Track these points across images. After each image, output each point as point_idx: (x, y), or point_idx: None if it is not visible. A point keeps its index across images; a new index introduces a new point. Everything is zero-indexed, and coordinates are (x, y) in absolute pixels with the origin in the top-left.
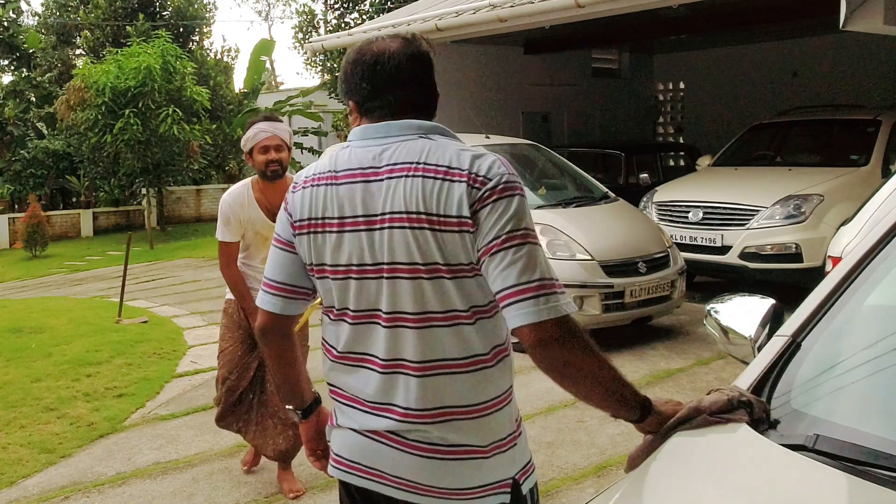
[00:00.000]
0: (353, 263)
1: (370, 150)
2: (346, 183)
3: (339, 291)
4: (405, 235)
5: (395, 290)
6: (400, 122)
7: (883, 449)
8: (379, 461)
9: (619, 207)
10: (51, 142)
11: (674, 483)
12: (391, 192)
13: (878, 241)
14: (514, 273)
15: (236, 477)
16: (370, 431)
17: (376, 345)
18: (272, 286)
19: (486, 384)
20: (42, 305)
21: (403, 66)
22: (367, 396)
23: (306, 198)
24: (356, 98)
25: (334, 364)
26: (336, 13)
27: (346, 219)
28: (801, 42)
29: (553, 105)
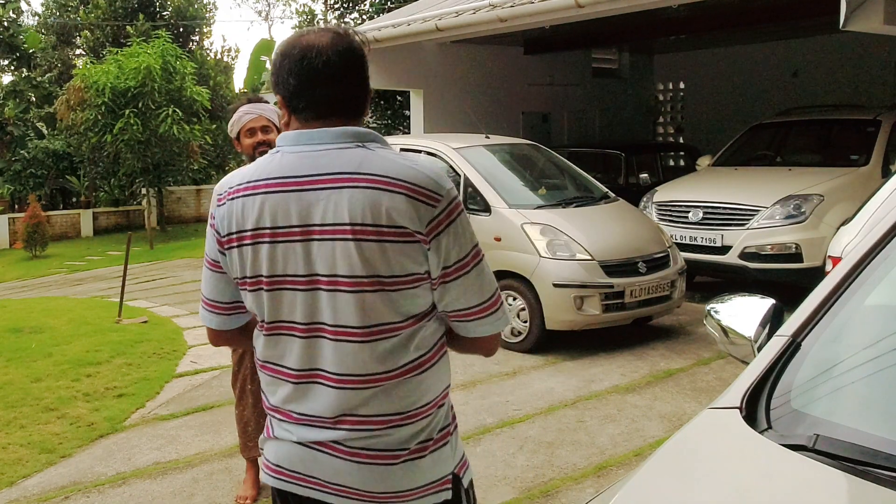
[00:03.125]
0: (289, 274)
1: (304, 158)
2: (279, 192)
3: (271, 303)
4: (347, 247)
5: (335, 303)
6: (336, 130)
7: (883, 449)
8: (317, 469)
9: (619, 207)
10: (51, 142)
11: (674, 483)
12: (331, 202)
13: (878, 241)
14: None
15: (236, 477)
16: (312, 442)
17: (321, 357)
18: (210, 304)
19: (427, 386)
20: (42, 305)
21: (332, 62)
22: (310, 410)
23: (235, 209)
24: (283, 93)
25: (262, 374)
26: (336, 13)
27: (279, 229)
28: (801, 42)
29: (553, 105)
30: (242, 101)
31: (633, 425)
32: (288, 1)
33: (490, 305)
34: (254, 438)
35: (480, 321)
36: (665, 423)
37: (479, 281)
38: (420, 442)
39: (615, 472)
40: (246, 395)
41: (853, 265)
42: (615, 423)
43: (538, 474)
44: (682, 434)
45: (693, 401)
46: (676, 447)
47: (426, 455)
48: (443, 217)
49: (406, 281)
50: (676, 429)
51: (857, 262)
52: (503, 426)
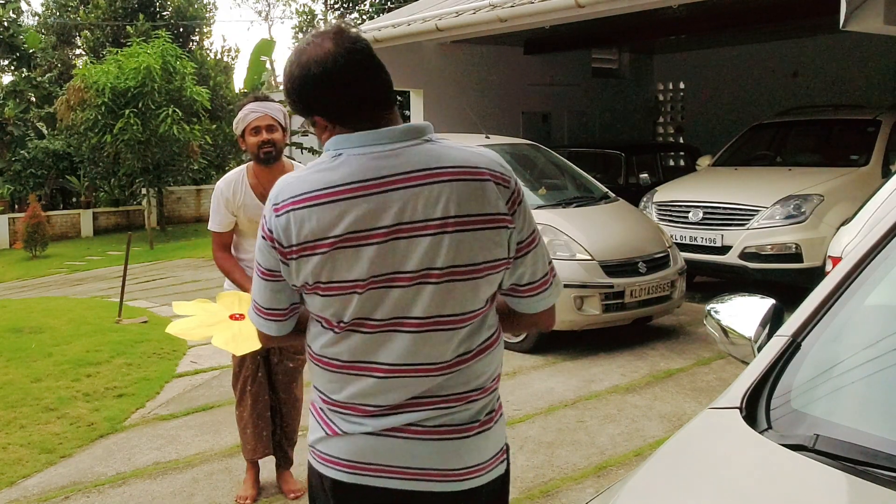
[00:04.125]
0: (382, 274)
1: (376, 159)
2: (358, 196)
3: (360, 304)
4: (438, 241)
5: (426, 296)
6: (399, 128)
7: (883, 449)
8: (393, 456)
9: (619, 207)
10: (51, 142)
11: (674, 483)
12: (419, 199)
13: (878, 241)
14: (542, 263)
15: (236, 477)
16: (388, 429)
17: (400, 350)
18: (268, 313)
19: (496, 359)
20: (42, 305)
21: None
22: (388, 401)
23: (304, 219)
24: (320, 112)
25: (345, 375)
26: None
27: (362, 232)
28: (801, 42)
29: (553, 105)
30: (248, 99)
31: (633, 425)
32: (288, 1)
33: (550, 276)
34: (252, 440)
35: (544, 293)
36: (665, 423)
37: (542, 252)
38: (487, 413)
39: (615, 472)
40: (246, 396)
41: (853, 265)
42: (615, 423)
43: (538, 474)
44: (682, 434)
45: (693, 401)
46: (676, 447)
47: (493, 426)
48: (516, 195)
49: (493, 266)
50: (676, 429)
51: (857, 262)
52: None
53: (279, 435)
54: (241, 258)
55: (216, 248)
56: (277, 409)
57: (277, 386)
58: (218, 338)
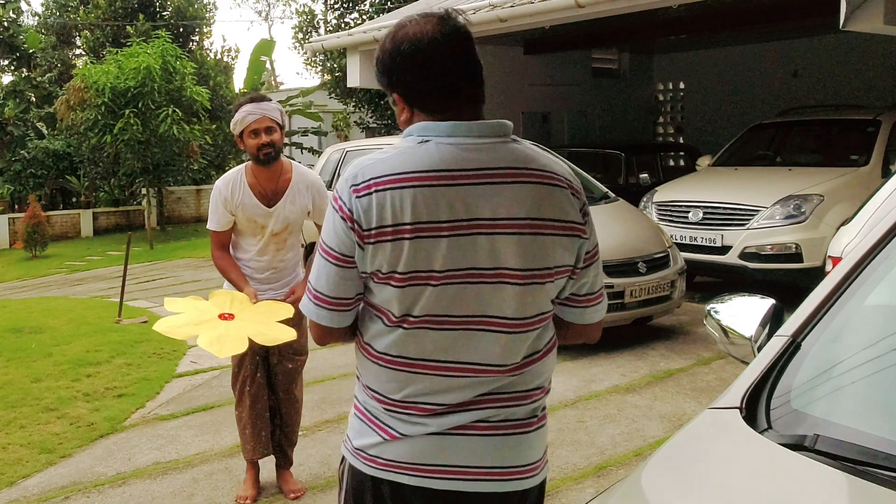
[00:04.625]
0: (457, 268)
1: (466, 151)
2: (443, 185)
3: (434, 297)
4: (518, 241)
5: (501, 296)
6: (492, 123)
7: (883, 449)
8: (455, 455)
9: (619, 207)
10: (51, 142)
11: (674, 483)
12: (503, 197)
13: (878, 241)
14: (600, 277)
15: (236, 477)
16: (453, 428)
17: (479, 349)
18: (333, 302)
19: (554, 360)
20: (42, 305)
21: (444, 49)
22: (455, 399)
23: (387, 201)
24: (401, 91)
25: (409, 374)
26: (336, 13)
27: (444, 223)
28: (801, 42)
29: (553, 105)
30: (245, 100)
31: (633, 425)
32: (288, 1)
33: (603, 292)
34: (252, 441)
35: (597, 307)
36: (665, 423)
37: (600, 267)
38: (542, 410)
39: (615, 472)
40: (245, 397)
41: (853, 265)
42: (615, 423)
43: None
44: (682, 434)
45: (693, 401)
46: (676, 447)
47: (545, 424)
48: (585, 207)
49: (562, 272)
50: (676, 429)
51: (857, 262)
52: None
53: (279, 436)
54: (240, 258)
55: (214, 247)
56: (277, 410)
57: (277, 387)
58: (203, 338)
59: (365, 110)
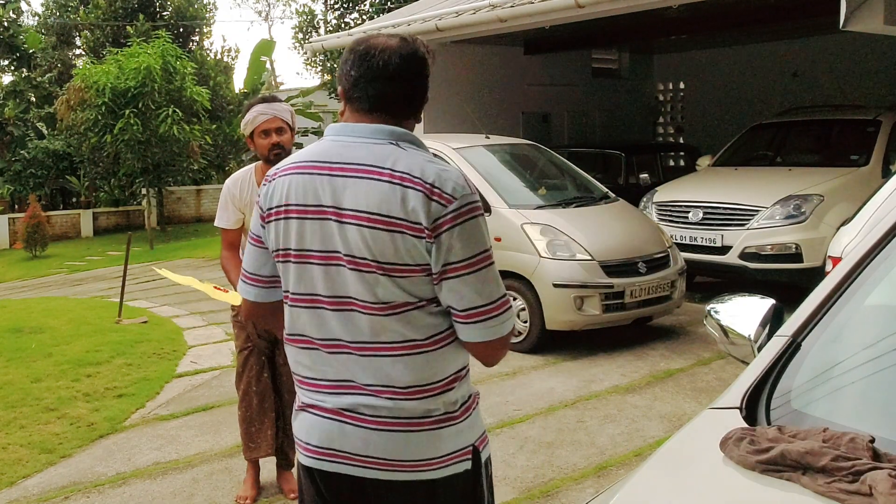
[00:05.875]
0: (314, 249)
1: (340, 147)
2: (311, 174)
3: (296, 275)
4: (362, 233)
5: (355, 280)
6: (374, 126)
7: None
8: (346, 442)
9: (619, 207)
10: (51, 142)
11: (674, 483)
12: (354, 189)
13: (878, 241)
14: (475, 295)
15: (236, 477)
16: (334, 412)
17: (343, 326)
18: (250, 278)
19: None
20: (42, 305)
21: (392, 63)
22: (321, 375)
23: (277, 187)
24: (343, 85)
25: (290, 346)
26: (336, 13)
27: (308, 206)
28: (801, 42)
29: (553, 105)
30: (256, 100)
31: (633, 425)
32: (288, 1)
33: (487, 311)
34: (256, 439)
35: (475, 325)
36: (665, 423)
37: (482, 284)
38: (443, 409)
39: (615, 472)
40: (250, 396)
41: (853, 265)
42: (615, 423)
43: (538, 474)
44: (682, 434)
45: (693, 401)
46: (676, 447)
47: (454, 423)
48: (450, 217)
49: (413, 270)
50: (676, 429)
51: (857, 262)
52: (503, 426)
53: (280, 437)
54: None
55: (223, 247)
56: (280, 412)
57: (282, 387)
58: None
59: None
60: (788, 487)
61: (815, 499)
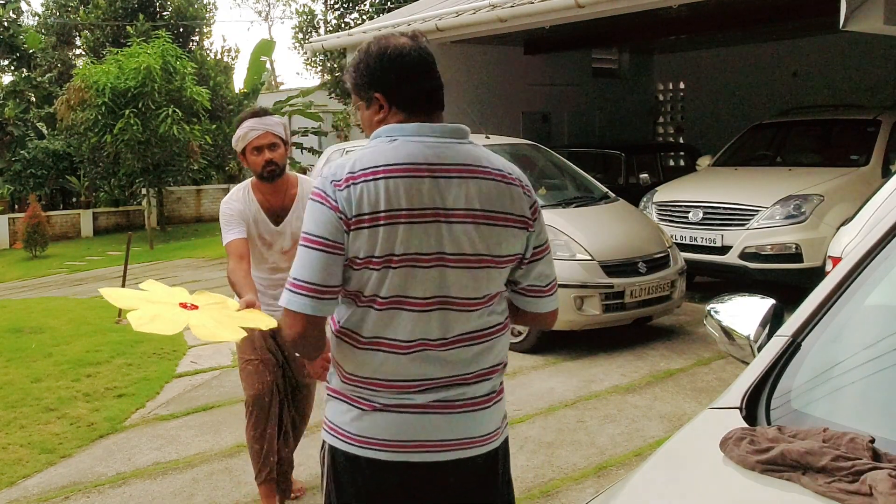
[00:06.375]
0: (421, 252)
1: (429, 148)
2: (412, 176)
3: (406, 280)
4: (479, 230)
5: (471, 278)
6: (451, 126)
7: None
8: (432, 432)
9: (619, 207)
10: (51, 142)
11: (674, 483)
12: (462, 189)
13: (878, 241)
14: (552, 270)
15: (236, 477)
16: (440, 404)
17: (430, 326)
18: (317, 290)
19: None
20: (42, 305)
21: (424, 58)
22: (427, 374)
23: (365, 192)
24: (382, 89)
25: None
26: (336, 13)
27: (416, 210)
28: (801, 42)
29: (553, 105)
30: (247, 114)
31: (633, 425)
32: (288, 1)
33: (555, 283)
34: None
35: (552, 296)
36: (665, 423)
37: (551, 261)
38: (500, 385)
39: (615, 472)
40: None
41: (853, 265)
42: (615, 423)
43: (538, 474)
44: (682, 434)
45: (693, 401)
46: (676, 447)
47: (502, 398)
48: (536, 205)
49: (512, 259)
50: (676, 429)
51: (857, 262)
52: None
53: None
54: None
55: (233, 259)
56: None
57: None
58: (135, 313)
59: None
60: (788, 487)
61: (815, 499)
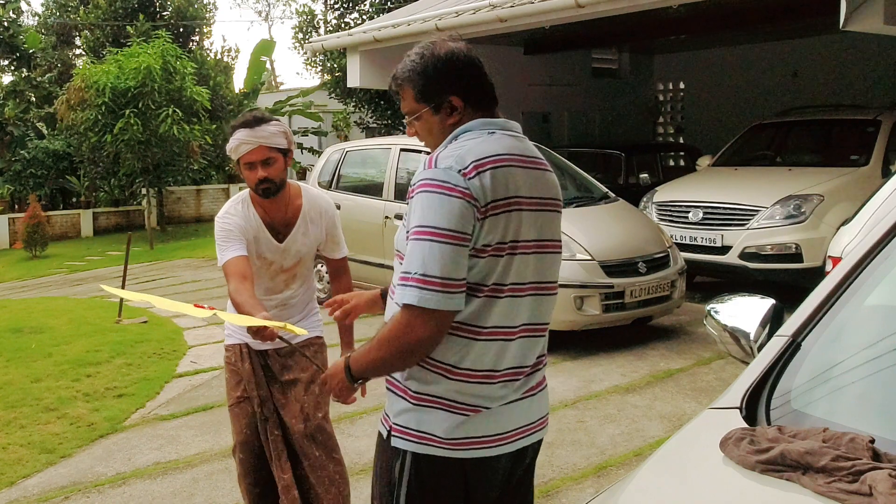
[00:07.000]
0: (531, 239)
1: (522, 143)
2: (523, 167)
3: (520, 266)
4: (557, 218)
5: (553, 263)
6: (515, 122)
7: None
8: (532, 413)
9: (619, 207)
10: (51, 142)
11: (674, 483)
12: (545, 180)
13: (878, 241)
14: None
15: (236, 477)
16: (526, 392)
17: (536, 312)
18: (451, 284)
19: None
20: (42, 305)
21: (479, 59)
22: (523, 362)
23: (495, 179)
24: (458, 92)
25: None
26: (336, 13)
27: (534, 199)
28: (801, 42)
29: (553, 105)
30: (239, 122)
31: (633, 425)
32: (288, 1)
33: None
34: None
35: None
36: (665, 423)
37: None
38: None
39: (615, 472)
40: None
41: (853, 265)
42: (615, 423)
43: (538, 474)
44: (682, 434)
45: (693, 401)
46: (676, 447)
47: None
48: None
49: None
50: (676, 429)
51: (857, 262)
52: None
53: None
54: None
55: (234, 280)
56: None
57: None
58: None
59: (365, 110)
60: (788, 487)
61: (815, 499)
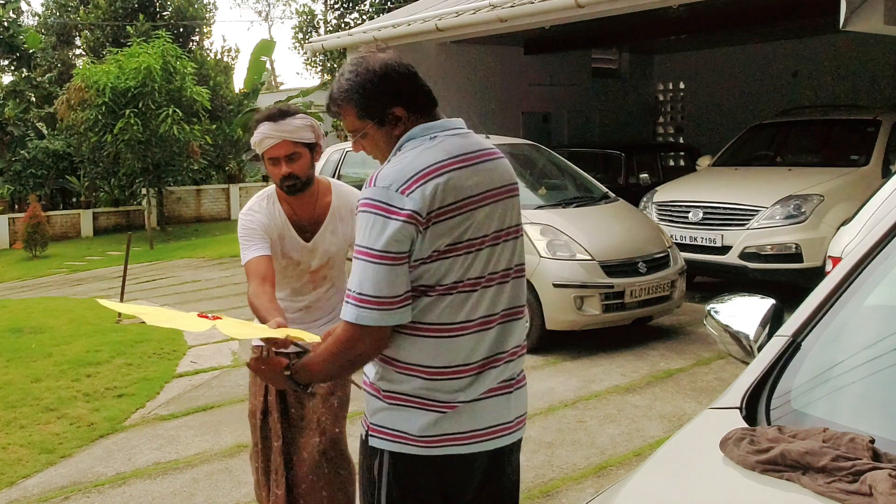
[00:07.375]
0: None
1: (465, 139)
2: (472, 164)
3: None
4: (515, 202)
5: (517, 248)
6: (458, 120)
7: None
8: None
9: (619, 207)
10: (51, 142)
11: (674, 483)
12: (497, 170)
13: (878, 241)
14: None
15: (236, 477)
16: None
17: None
18: (384, 302)
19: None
20: (42, 305)
21: (414, 69)
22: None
23: (441, 187)
24: (402, 103)
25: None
26: (336, 13)
27: (487, 193)
28: (801, 42)
29: (553, 105)
30: (264, 115)
31: (633, 425)
32: (288, 1)
33: None
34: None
35: None
36: (665, 423)
37: None
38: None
39: (615, 472)
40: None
41: (853, 265)
42: (615, 423)
43: (538, 474)
44: (682, 434)
45: (693, 401)
46: (676, 447)
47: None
48: None
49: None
50: (676, 429)
51: (857, 262)
52: None
53: None
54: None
55: (254, 282)
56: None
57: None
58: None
59: None
60: (788, 487)
61: (815, 499)
